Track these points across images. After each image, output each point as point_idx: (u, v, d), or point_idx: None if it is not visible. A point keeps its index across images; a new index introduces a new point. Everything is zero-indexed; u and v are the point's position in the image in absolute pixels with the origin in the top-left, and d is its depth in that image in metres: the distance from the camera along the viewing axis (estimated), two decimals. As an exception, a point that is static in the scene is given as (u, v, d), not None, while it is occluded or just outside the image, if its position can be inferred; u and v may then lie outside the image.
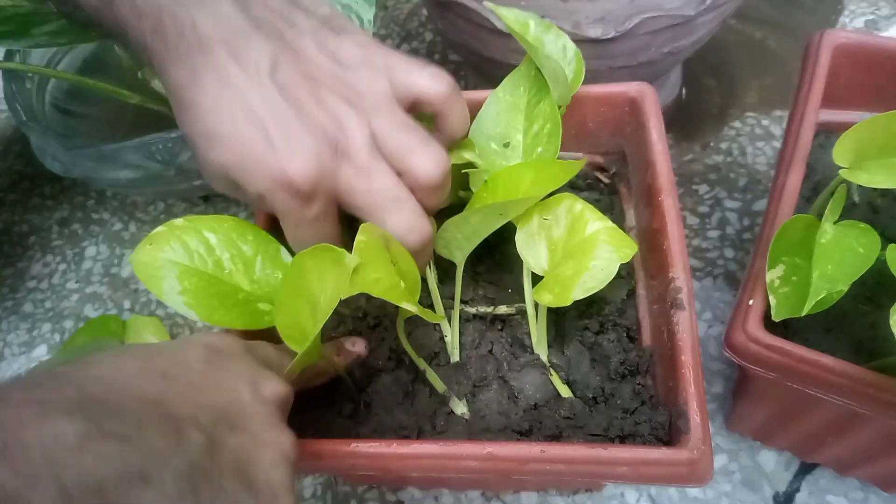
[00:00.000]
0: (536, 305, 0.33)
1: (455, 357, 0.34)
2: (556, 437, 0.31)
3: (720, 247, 0.51)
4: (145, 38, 0.29)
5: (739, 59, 0.64)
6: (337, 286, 0.25)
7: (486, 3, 0.37)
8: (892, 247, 0.28)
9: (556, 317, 0.35)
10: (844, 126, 0.33)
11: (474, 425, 0.32)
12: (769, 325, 0.31)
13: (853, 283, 0.28)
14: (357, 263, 0.25)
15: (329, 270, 0.26)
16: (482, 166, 0.35)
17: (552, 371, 0.33)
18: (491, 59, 0.48)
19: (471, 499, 0.42)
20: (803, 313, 0.28)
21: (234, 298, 0.30)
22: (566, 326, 0.35)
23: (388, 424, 0.32)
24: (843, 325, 0.34)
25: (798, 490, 0.40)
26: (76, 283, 0.58)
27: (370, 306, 0.37)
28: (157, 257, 0.30)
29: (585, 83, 0.37)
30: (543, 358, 0.33)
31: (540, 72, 0.35)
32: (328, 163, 0.27)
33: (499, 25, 0.44)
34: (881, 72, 0.40)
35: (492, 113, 0.36)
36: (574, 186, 0.41)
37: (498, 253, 0.37)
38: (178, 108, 0.28)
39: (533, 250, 0.32)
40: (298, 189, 0.27)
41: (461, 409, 0.32)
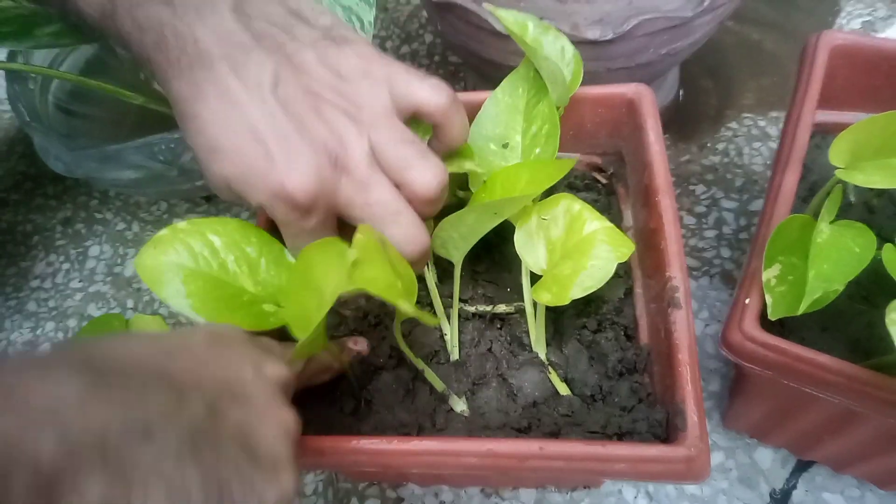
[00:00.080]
0: (535, 304, 0.33)
1: (455, 355, 0.34)
2: (554, 434, 0.31)
3: (717, 246, 0.51)
4: (147, 51, 0.29)
5: (736, 60, 0.64)
6: (339, 277, 0.26)
7: (485, 4, 0.38)
8: (887, 246, 0.29)
9: (555, 315, 0.35)
10: (841, 127, 0.33)
11: (474, 423, 0.32)
12: (766, 323, 0.31)
13: (849, 282, 0.28)
14: (355, 258, 0.25)
15: (333, 263, 0.27)
16: (482, 167, 0.35)
17: (551, 369, 0.33)
18: (490, 60, 0.48)
19: (470, 495, 0.42)
20: (799, 312, 0.29)
21: (239, 300, 0.31)
22: (564, 325, 0.35)
23: (388, 422, 0.32)
24: (840, 324, 0.34)
25: (795, 487, 0.41)
26: (79, 282, 0.58)
27: (371, 306, 0.37)
28: (161, 261, 0.30)
29: (583, 84, 0.37)
30: (542, 356, 0.34)
31: (538, 73, 0.36)
32: (328, 176, 0.28)
33: (498, 27, 0.44)
34: (877, 73, 0.41)
35: (491, 114, 0.37)
36: (572, 187, 0.41)
37: (497, 252, 0.38)
38: (182, 120, 0.29)
39: (531, 250, 0.32)
40: (298, 202, 0.27)
41: (461, 407, 0.33)
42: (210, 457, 0.21)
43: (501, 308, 0.36)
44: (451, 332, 0.34)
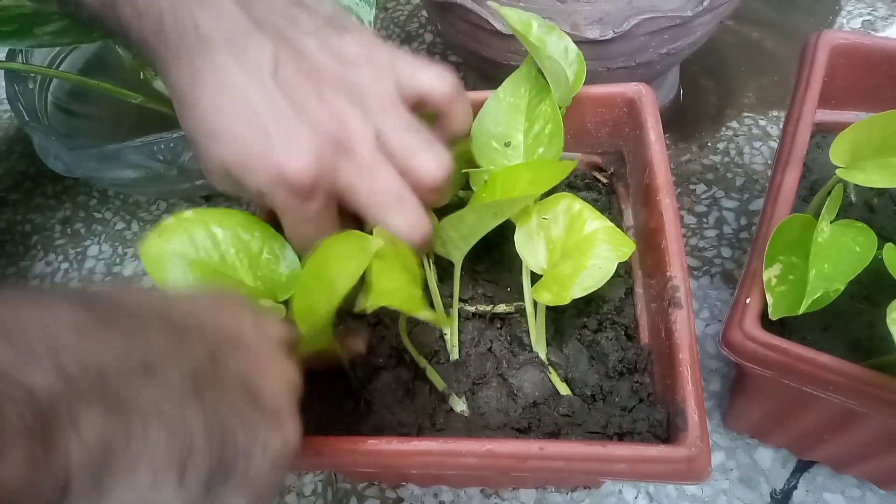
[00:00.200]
0: (535, 304, 0.33)
1: (454, 355, 0.34)
2: (554, 434, 0.31)
3: (717, 246, 0.51)
4: (147, 39, 0.29)
5: (737, 59, 0.64)
6: (356, 270, 0.25)
7: (489, 2, 0.38)
8: (888, 246, 0.29)
9: (555, 315, 0.35)
10: (841, 126, 0.33)
11: (474, 423, 0.32)
12: (766, 323, 0.31)
13: (850, 281, 0.28)
14: (378, 249, 0.25)
15: (353, 256, 0.26)
16: (483, 165, 0.35)
17: (551, 369, 0.33)
18: (491, 60, 0.48)
19: (470, 496, 0.42)
20: (800, 312, 0.29)
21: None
22: (565, 325, 0.35)
23: (388, 422, 0.32)
24: (840, 324, 0.34)
25: (795, 487, 0.41)
26: (78, 282, 0.58)
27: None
28: (164, 249, 0.30)
29: (584, 84, 0.37)
30: (542, 356, 0.34)
31: (540, 73, 0.36)
32: (328, 160, 0.27)
33: (498, 27, 0.44)
34: (878, 72, 0.41)
35: (492, 113, 0.36)
36: (572, 186, 0.41)
37: (497, 252, 0.38)
38: (180, 108, 0.28)
39: (532, 249, 0.32)
40: (297, 186, 0.27)
41: (461, 407, 0.33)
42: (212, 400, 0.21)
43: (501, 308, 0.35)
44: (451, 332, 0.34)
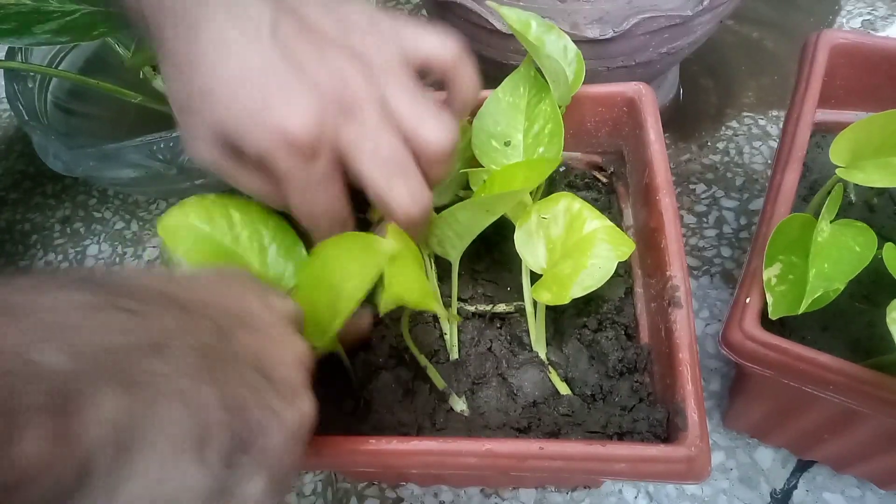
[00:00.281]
0: (535, 303, 0.33)
1: (454, 355, 0.34)
2: (554, 434, 0.31)
3: (717, 245, 0.51)
4: (142, 7, 0.28)
5: (736, 59, 0.64)
6: (365, 275, 0.25)
7: (488, 2, 0.38)
8: (888, 245, 0.29)
9: (555, 315, 0.35)
10: (841, 126, 0.33)
11: (473, 422, 0.32)
12: (766, 323, 0.31)
13: (850, 281, 0.28)
14: (393, 249, 0.25)
15: (356, 257, 0.26)
16: (483, 164, 0.35)
17: (551, 368, 0.33)
18: (491, 59, 0.48)
19: (470, 495, 0.42)
20: (800, 311, 0.29)
21: None
22: (564, 324, 0.35)
23: (388, 421, 0.32)
24: (840, 324, 0.34)
25: (795, 487, 0.41)
26: (77, 281, 0.58)
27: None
28: (183, 222, 0.32)
29: (583, 83, 0.37)
30: (542, 355, 0.34)
31: (540, 72, 0.35)
32: (331, 118, 0.26)
33: (498, 26, 0.44)
34: (878, 72, 0.41)
35: (492, 112, 0.37)
36: (572, 185, 0.41)
37: (497, 251, 0.38)
38: (173, 69, 0.28)
39: (531, 249, 0.32)
40: (299, 144, 0.26)
41: (460, 407, 0.33)
42: (226, 377, 0.20)
43: (501, 307, 0.35)
44: (450, 332, 0.34)
